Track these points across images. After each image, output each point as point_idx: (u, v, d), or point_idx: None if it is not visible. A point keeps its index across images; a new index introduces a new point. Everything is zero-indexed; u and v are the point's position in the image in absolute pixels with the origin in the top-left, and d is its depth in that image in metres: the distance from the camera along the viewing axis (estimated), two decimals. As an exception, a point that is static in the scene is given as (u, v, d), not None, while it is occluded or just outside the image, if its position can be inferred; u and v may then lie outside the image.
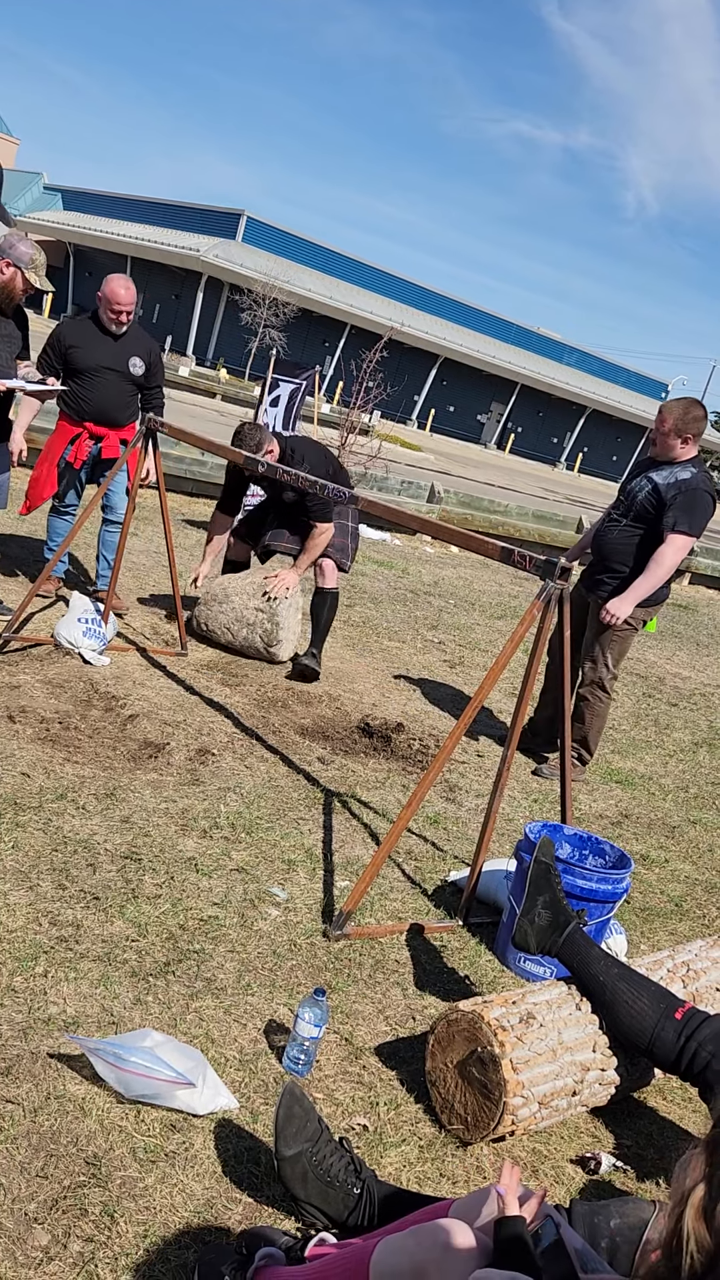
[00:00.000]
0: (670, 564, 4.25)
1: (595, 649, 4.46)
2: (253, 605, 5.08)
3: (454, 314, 43.70)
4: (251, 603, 5.09)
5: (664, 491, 4.23)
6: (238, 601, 5.12)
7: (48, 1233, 1.68)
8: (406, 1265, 1.43)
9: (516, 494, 21.07)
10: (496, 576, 9.92)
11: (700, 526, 4.24)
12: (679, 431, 4.24)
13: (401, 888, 3.20)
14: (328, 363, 36.76)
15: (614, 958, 2.37)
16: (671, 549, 4.22)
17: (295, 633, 5.23)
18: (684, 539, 4.22)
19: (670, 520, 4.20)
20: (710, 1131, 1.18)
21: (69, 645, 4.45)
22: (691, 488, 4.19)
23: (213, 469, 9.44)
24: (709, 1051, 2.13)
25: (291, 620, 5.15)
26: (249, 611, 5.09)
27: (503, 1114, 2.07)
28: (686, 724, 6.25)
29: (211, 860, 3.03)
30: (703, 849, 4.23)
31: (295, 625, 5.21)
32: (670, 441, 4.27)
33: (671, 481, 4.24)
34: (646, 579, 4.25)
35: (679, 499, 4.18)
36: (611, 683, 4.53)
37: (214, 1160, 1.92)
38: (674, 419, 4.23)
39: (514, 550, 3.03)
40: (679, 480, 4.22)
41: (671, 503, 4.20)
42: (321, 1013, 2.17)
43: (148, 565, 6.42)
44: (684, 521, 4.19)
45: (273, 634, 5.08)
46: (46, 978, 2.30)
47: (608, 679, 4.50)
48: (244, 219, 38.24)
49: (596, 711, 4.54)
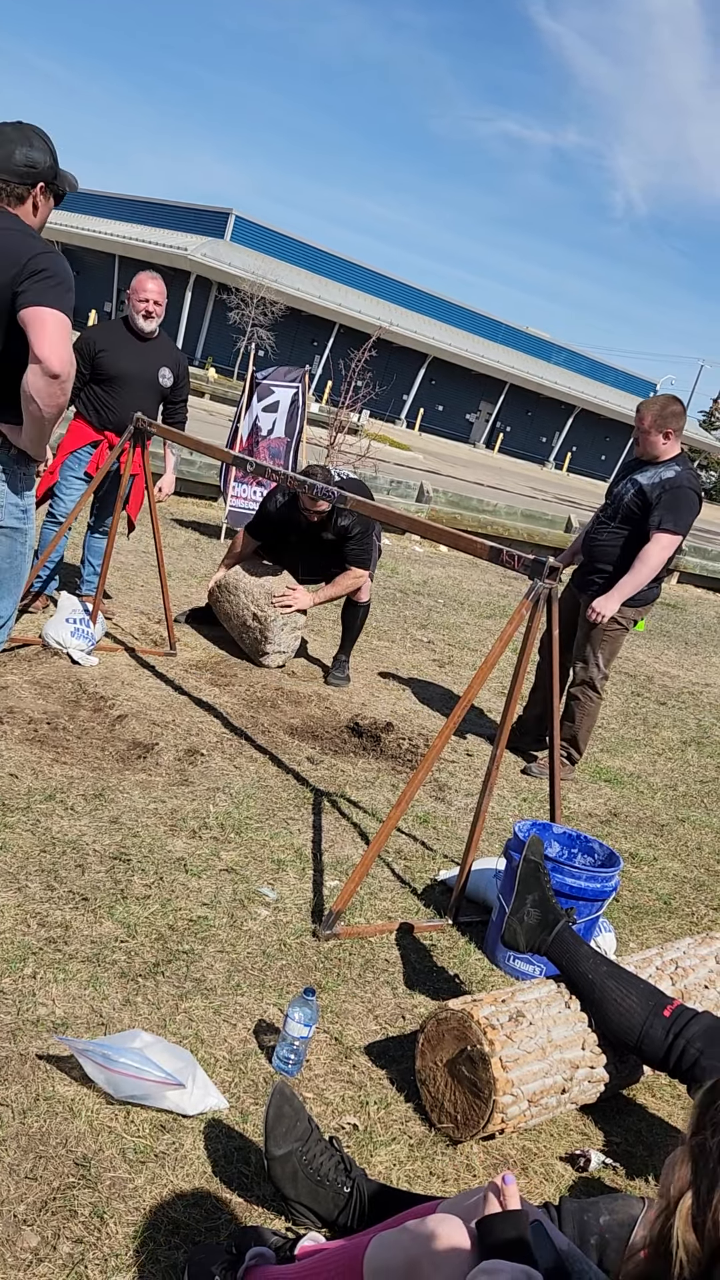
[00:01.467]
0: (656, 562, 4.27)
1: (586, 649, 4.48)
2: (251, 610, 5.04)
3: (443, 313, 43.69)
4: (252, 608, 5.04)
5: (649, 492, 4.26)
6: (242, 600, 5.09)
7: (37, 1234, 1.67)
8: (400, 1260, 1.43)
9: (505, 493, 21.09)
10: (485, 576, 9.93)
11: (686, 524, 4.27)
12: (659, 427, 4.28)
13: (391, 887, 3.21)
14: (316, 362, 36.72)
15: (603, 956, 2.37)
16: (657, 547, 4.25)
17: (287, 650, 5.14)
18: (670, 537, 4.25)
19: (656, 519, 4.23)
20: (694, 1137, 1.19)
21: (57, 645, 4.44)
22: (676, 486, 4.23)
23: (201, 468, 9.43)
24: (697, 1048, 2.14)
25: (284, 639, 5.07)
26: (247, 615, 5.07)
27: (492, 1112, 2.07)
28: (675, 722, 6.27)
29: (201, 860, 3.03)
30: (691, 847, 4.25)
31: (288, 643, 5.11)
32: (652, 438, 4.30)
33: (656, 481, 4.27)
34: (633, 577, 4.28)
35: (664, 498, 4.22)
36: (603, 683, 4.55)
37: (204, 1160, 1.92)
38: (652, 416, 4.28)
39: (503, 550, 3.03)
40: (663, 479, 4.26)
41: (657, 502, 4.23)
42: (311, 1012, 2.17)
43: (135, 565, 6.41)
44: (669, 520, 4.22)
45: (260, 645, 5.05)
46: (35, 979, 2.30)
47: (598, 679, 4.52)
48: (232, 218, 38.14)
49: (586, 711, 4.55)
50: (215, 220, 38.47)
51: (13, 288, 2.49)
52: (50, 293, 2.49)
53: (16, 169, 2.56)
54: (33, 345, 2.46)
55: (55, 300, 2.49)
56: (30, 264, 2.48)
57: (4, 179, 2.56)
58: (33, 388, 2.48)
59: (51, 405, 2.52)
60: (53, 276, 2.51)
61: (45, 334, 2.46)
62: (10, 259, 2.49)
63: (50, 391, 2.49)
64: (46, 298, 2.48)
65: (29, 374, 2.48)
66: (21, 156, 2.56)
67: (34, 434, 2.60)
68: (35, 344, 2.45)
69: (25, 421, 2.57)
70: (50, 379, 2.47)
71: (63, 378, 2.49)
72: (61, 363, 2.46)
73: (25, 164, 2.56)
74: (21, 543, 2.73)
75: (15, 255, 2.49)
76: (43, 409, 2.51)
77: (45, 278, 2.50)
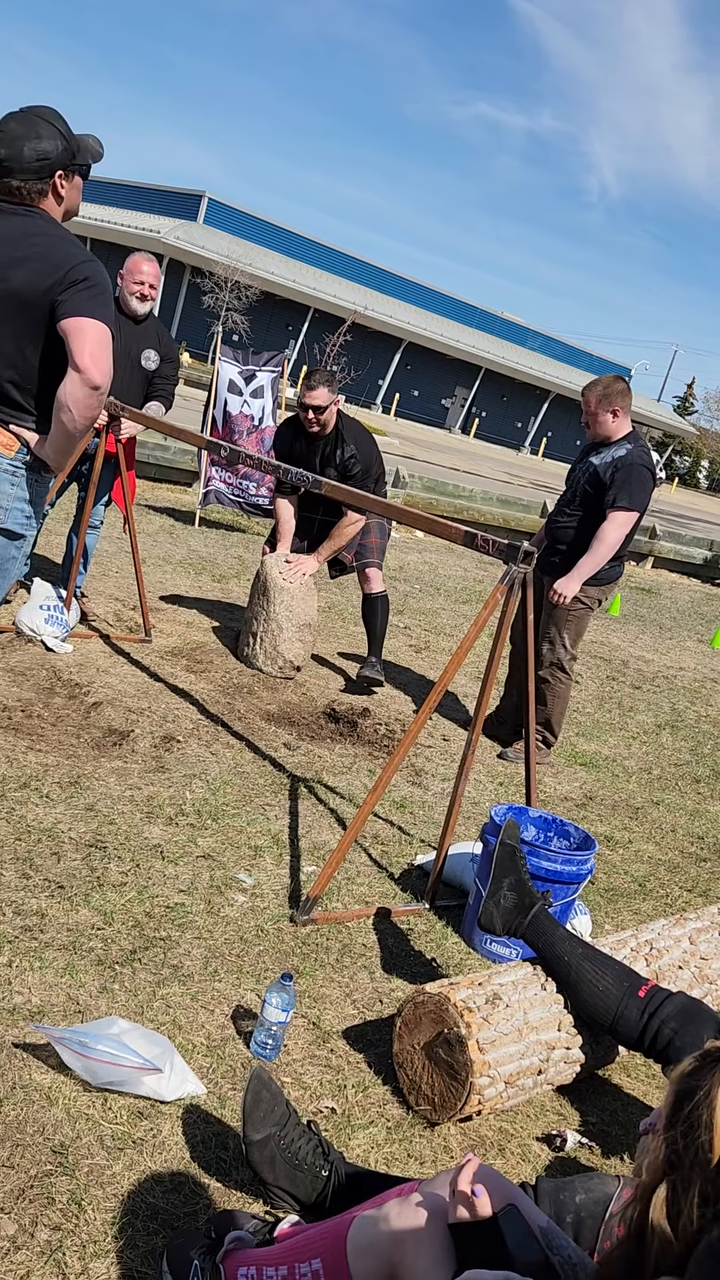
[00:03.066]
0: (613, 540, 4.34)
1: (551, 630, 4.52)
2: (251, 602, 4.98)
3: (418, 298, 43.56)
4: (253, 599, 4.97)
5: (602, 472, 4.34)
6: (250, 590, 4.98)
7: (14, 1222, 1.67)
8: (385, 1238, 1.44)
9: (481, 479, 21.12)
10: (461, 561, 9.95)
11: (641, 500, 4.35)
12: (604, 406, 4.36)
13: (368, 872, 3.21)
14: (291, 346, 36.55)
15: (578, 938, 2.39)
16: (613, 525, 4.32)
17: (277, 654, 4.85)
18: (625, 514, 4.32)
19: (611, 497, 4.31)
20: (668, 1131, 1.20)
21: (31, 633, 4.40)
22: (628, 464, 4.31)
23: (176, 454, 9.37)
24: (671, 1028, 2.16)
25: (278, 640, 4.83)
26: (251, 606, 4.98)
27: (469, 1094, 2.08)
28: (649, 706, 6.32)
29: (177, 847, 3.02)
30: (665, 829, 4.29)
31: (283, 646, 4.84)
32: (601, 418, 4.38)
33: (608, 461, 4.35)
34: (591, 557, 4.34)
35: (617, 476, 4.30)
36: (570, 664, 4.58)
37: (182, 1146, 1.92)
38: (596, 396, 4.37)
39: (477, 535, 3.03)
40: (615, 459, 4.34)
41: (611, 481, 4.31)
42: (289, 998, 2.17)
43: (110, 552, 6.36)
44: (624, 497, 4.30)
45: (243, 639, 4.99)
46: (11, 967, 2.29)
47: (566, 659, 4.55)
48: (205, 200, 37.80)
49: (557, 693, 4.58)
50: (188, 203, 38.12)
51: (52, 296, 2.44)
52: (91, 303, 2.46)
53: (30, 166, 2.49)
54: (73, 355, 2.43)
55: (96, 310, 2.46)
56: (71, 273, 2.44)
57: (22, 179, 2.50)
58: (71, 397, 2.45)
59: (86, 416, 2.49)
60: (94, 286, 2.47)
61: (86, 344, 2.43)
62: (51, 266, 2.44)
63: (88, 403, 2.46)
64: (87, 308, 2.45)
65: (68, 383, 2.45)
66: (31, 151, 2.48)
67: (61, 444, 2.56)
68: (76, 354, 2.42)
69: (54, 430, 2.53)
70: (90, 390, 2.44)
71: (102, 389, 2.46)
72: (102, 374, 2.44)
73: (37, 158, 2.49)
74: (18, 548, 2.70)
75: (56, 263, 2.45)
76: (77, 419, 2.49)
77: (87, 287, 2.46)
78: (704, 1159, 1.15)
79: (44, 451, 2.58)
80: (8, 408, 2.54)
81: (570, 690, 4.67)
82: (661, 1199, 1.16)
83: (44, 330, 2.48)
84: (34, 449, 2.57)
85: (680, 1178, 1.16)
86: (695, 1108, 1.18)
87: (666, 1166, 1.18)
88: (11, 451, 2.54)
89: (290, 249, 39.92)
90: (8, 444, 2.54)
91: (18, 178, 2.50)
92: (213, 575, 6.77)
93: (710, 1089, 1.18)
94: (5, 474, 2.56)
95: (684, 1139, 1.18)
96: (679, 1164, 1.17)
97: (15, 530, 2.64)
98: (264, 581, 4.93)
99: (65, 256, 2.47)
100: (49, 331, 2.48)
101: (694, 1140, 1.17)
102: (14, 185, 2.50)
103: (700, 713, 6.47)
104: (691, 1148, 1.17)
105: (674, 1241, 1.14)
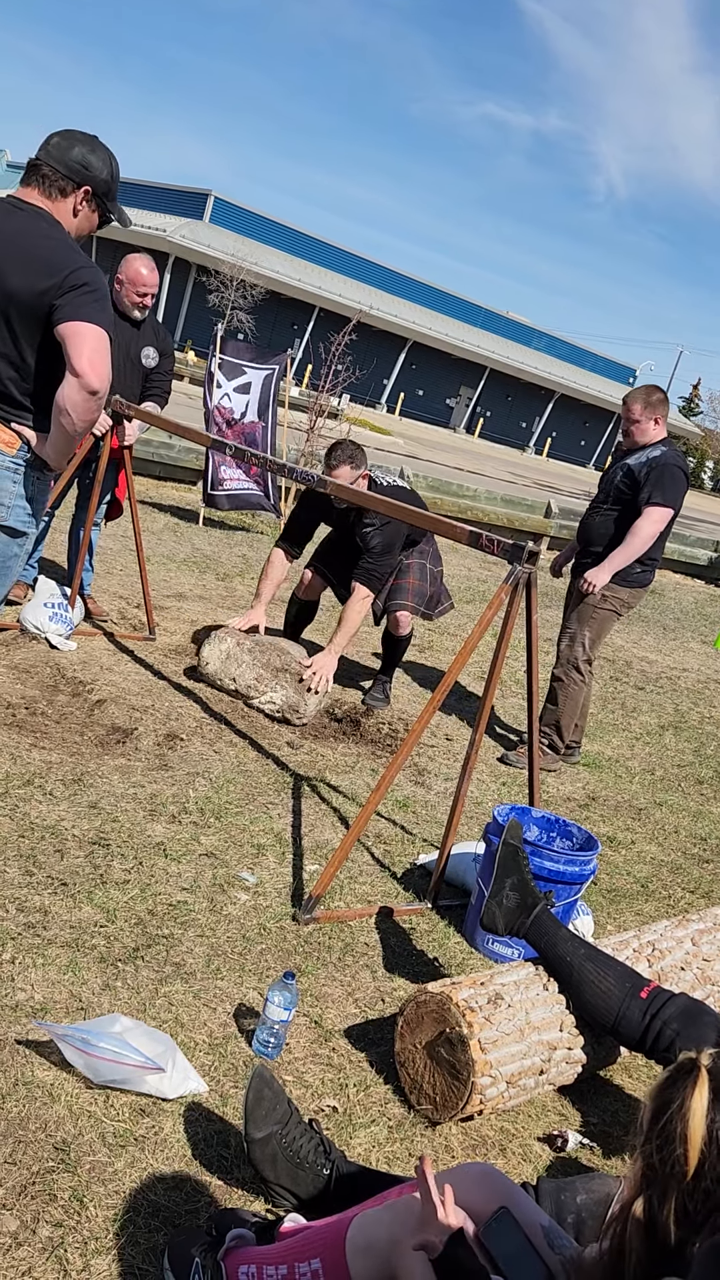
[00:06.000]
0: (647, 534, 4.40)
1: (573, 624, 4.55)
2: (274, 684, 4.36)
3: (423, 297, 43.52)
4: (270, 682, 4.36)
5: (637, 471, 4.42)
6: (265, 675, 4.35)
7: (16, 1218, 1.67)
8: (384, 1238, 1.45)
9: (485, 478, 21.10)
10: (465, 561, 9.94)
11: (675, 498, 4.42)
12: (649, 415, 4.50)
13: (371, 871, 3.21)
14: (296, 345, 36.55)
15: (581, 938, 2.39)
16: (648, 521, 4.39)
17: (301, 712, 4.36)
18: (660, 510, 4.39)
19: (645, 494, 4.39)
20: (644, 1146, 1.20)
21: (35, 630, 4.41)
22: (663, 463, 4.39)
23: (180, 452, 9.38)
24: (674, 1030, 2.16)
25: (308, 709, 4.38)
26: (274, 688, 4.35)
27: (471, 1094, 2.08)
28: (653, 707, 6.31)
29: (180, 845, 3.02)
30: (668, 830, 4.28)
31: (310, 711, 4.39)
32: (644, 425, 4.51)
33: (643, 461, 4.43)
34: (624, 550, 4.41)
35: (651, 475, 4.38)
36: (587, 666, 4.58)
37: (184, 1144, 1.92)
38: (641, 404, 4.51)
39: (482, 534, 3.03)
40: (650, 459, 4.42)
41: (645, 480, 4.38)
42: (291, 996, 2.18)
43: (114, 550, 6.37)
44: (658, 494, 4.37)
45: (290, 706, 4.34)
46: (14, 964, 2.29)
47: (582, 660, 4.56)
48: (211, 199, 37.80)
49: (569, 694, 4.58)
50: (194, 201, 38.12)
51: (50, 299, 2.45)
52: (89, 308, 2.46)
53: (68, 162, 2.52)
54: (71, 359, 2.43)
55: (95, 315, 2.47)
56: (70, 277, 2.45)
57: (52, 166, 2.52)
58: (69, 401, 2.45)
59: (85, 419, 2.50)
60: (93, 291, 2.48)
61: (85, 349, 2.43)
62: (50, 269, 2.44)
63: (86, 406, 2.47)
64: (85, 312, 2.45)
65: (66, 387, 2.45)
66: (78, 154, 2.52)
67: (60, 445, 2.57)
68: (74, 358, 2.43)
69: (53, 432, 2.54)
70: (88, 394, 2.45)
71: (100, 394, 2.47)
72: (100, 379, 2.44)
73: (79, 162, 2.52)
74: (20, 545, 2.70)
75: (56, 266, 2.45)
76: (75, 422, 2.49)
77: (86, 292, 2.46)
78: (680, 1172, 1.15)
79: (44, 451, 2.59)
80: (8, 406, 2.54)
81: (583, 694, 4.65)
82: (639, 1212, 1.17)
83: (41, 332, 2.49)
84: (34, 448, 2.58)
85: (656, 1192, 1.16)
86: (669, 1121, 1.18)
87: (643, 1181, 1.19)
88: (13, 449, 2.55)
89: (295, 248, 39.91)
90: (9, 442, 2.54)
91: (50, 165, 2.51)
92: (217, 574, 6.77)
93: (683, 1102, 1.18)
94: (7, 471, 2.56)
95: (659, 1153, 1.18)
96: (654, 1178, 1.17)
97: (17, 528, 2.64)
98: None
99: (65, 261, 2.48)
100: (46, 333, 2.49)
101: (669, 1154, 1.17)
102: (43, 171, 2.52)
103: (704, 714, 6.47)
104: (667, 1161, 1.17)
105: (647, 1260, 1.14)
